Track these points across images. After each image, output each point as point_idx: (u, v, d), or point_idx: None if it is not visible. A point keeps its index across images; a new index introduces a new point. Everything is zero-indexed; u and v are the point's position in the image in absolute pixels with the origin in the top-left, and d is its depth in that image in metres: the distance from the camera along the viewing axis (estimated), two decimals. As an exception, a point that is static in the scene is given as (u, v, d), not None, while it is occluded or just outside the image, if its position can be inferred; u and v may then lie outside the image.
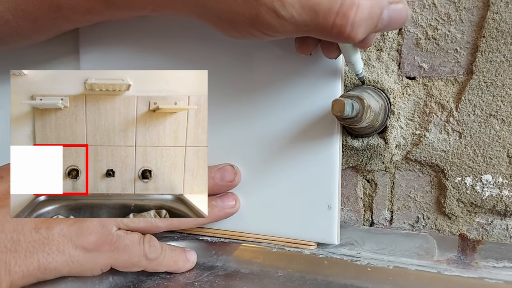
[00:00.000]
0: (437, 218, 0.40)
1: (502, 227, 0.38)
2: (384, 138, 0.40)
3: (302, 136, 0.40)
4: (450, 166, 0.39)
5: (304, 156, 0.40)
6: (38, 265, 0.33)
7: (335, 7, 0.27)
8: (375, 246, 0.41)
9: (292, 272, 0.40)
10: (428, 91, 0.39)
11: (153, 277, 0.40)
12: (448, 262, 0.38)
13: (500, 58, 0.36)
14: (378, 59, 0.40)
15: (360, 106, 0.34)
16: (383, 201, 0.42)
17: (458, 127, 0.38)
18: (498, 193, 0.37)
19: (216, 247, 0.44)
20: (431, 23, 0.38)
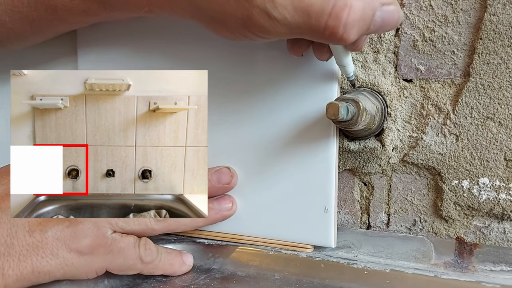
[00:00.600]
0: (434, 221, 0.40)
1: (500, 231, 0.38)
2: (381, 140, 0.40)
3: (299, 138, 0.40)
4: (447, 169, 0.38)
5: (300, 159, 0.40)
6: (32, 269, 0.33)
7: (327, 8, 0.27)
8: (372, 249, 0.41)
9: (288, 275, 0.40)
10: (425, 93, 0.39)
11: (149, 280, 0.40)
12: (445, 265, 0.38)
13: (497, 60, 0.36)
14: (375, 61, 0.40)
15: (355, 109, 0.34)
16: (380, 204, 0.42)
17: (455, 130, 0.38)
18: (495, 196, 0.37)
19: (213, 249, 0.43)
20: (428, 25, 0.38)
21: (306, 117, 0.39)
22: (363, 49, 0.40)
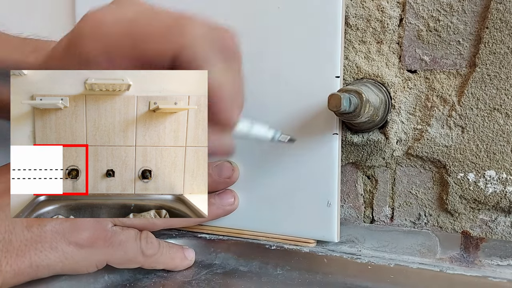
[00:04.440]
0: (440, 215, 0.39)
1: (506, 224, 0.37)
2: (385, 133, 0.39)
3: (301, 131, 0.39)
4: (453, 161, 0.38)
5: (303, 152, 0.40)
6: (30, 263, 0.33)
7: None
8: (376, 244, 0.40)
9: (291, 270, 0.39)
10: (429, 84, 0.38)
11: (150, 275, 0.39)
12: (450, 260, 0.37)
13: (504, 49, 0.35)
14: (378, 52, 0.39)
15: (358, 101, 0.33)
16: (384, 198, 0.41)
17: (461, 122, 0.37)
18: (502, 189, 0.36)
19: (215, 244, 0.43)
20: (432, 14, 0.37)
21: (308, 109, 0.39)
22: (366, 39, 0.39)
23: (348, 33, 0.40)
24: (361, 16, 0.39)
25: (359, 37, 0.39)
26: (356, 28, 0.39)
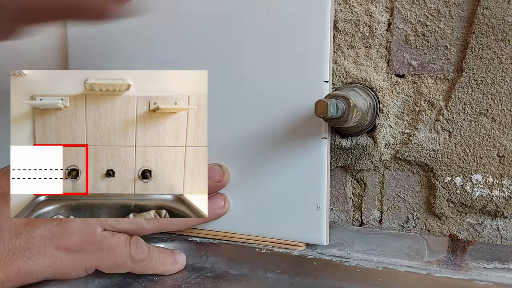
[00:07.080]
0: (427, 218, 0.40)
1: (493, 228, 0.38)
2: (373, 137, 0.40)
3: (291, 135, 0.39)
4: (440, 165, 0.38)
5: (292, 156, 0.40)
6: (17, 270, 0.33)
7: None
8: (365, 247, 0.40)
9: (281, 273, 0.39)
10: (417, 89, 0.38)
11: (140, 280, 0.40)
12: (438, 263, 0.37)
13: (490, 55, 0.35)
14: (366, 57, 0.39)
15: (345, 106, 0.33)
16: (372, 201, 0.42)
17: (448, 126, 0.37)
18: (489, 193, 0.37)
19: (205, 248, 0.43)
20: (420, 19, 0.37)
21: (297, 114, 0.39)
22: (355, 44, 0.39)
23: (337, 38, 0.40)
24: (349, 21, 0.39)
25: (347, 42, 0.40)
26: (344, 33, 0.39)
